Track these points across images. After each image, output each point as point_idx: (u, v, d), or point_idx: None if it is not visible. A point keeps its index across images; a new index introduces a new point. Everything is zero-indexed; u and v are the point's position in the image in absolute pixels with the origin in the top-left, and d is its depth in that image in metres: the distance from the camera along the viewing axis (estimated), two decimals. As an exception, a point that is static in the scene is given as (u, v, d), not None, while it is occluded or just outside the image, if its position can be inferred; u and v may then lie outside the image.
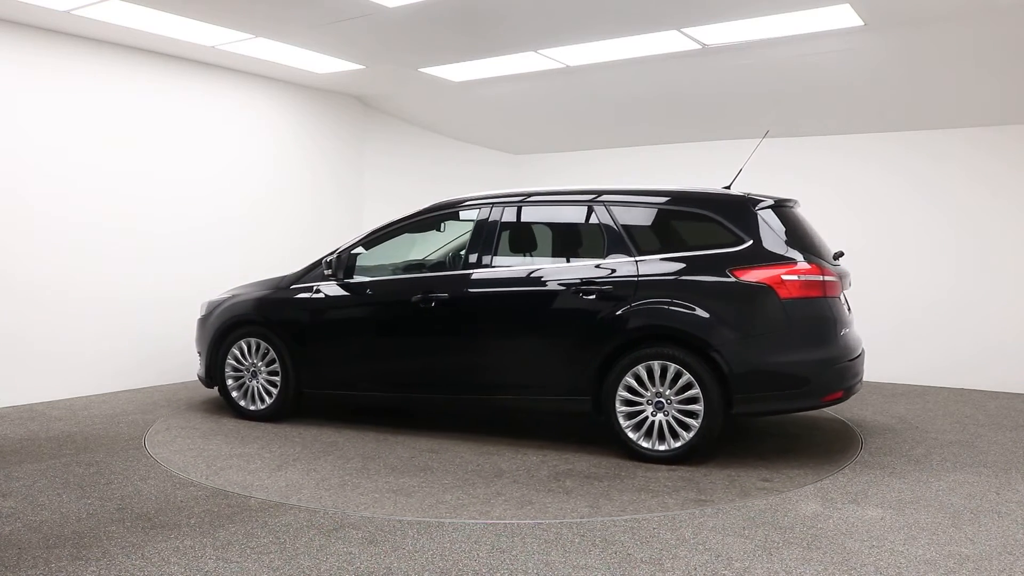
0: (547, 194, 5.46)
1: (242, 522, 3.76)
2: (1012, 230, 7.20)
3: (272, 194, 8.05)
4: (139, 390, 6.96)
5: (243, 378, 6.00)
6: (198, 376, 6.29)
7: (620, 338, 4.85)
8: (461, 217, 5.67)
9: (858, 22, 5.63)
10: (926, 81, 6.70)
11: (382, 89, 8.29)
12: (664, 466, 4.72)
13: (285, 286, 5.92)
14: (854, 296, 5.57)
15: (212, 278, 7.32)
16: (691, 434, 4.70)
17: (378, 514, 3.90)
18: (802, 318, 4.69)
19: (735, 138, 8.08)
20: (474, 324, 5.31)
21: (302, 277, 5.89)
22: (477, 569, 3.25)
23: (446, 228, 5.92)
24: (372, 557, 3.36)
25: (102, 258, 6.74)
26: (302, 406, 6.11)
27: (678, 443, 4.73)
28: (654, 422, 4.79)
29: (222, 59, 7.23)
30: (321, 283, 5.78)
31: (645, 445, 4.81)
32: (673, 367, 4.73)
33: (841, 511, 3.96)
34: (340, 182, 8.70)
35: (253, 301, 5.97)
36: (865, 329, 5.75)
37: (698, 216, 4.99)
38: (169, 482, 4.39)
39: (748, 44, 6.24)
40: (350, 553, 3.40)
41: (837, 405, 5.69)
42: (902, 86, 6.83)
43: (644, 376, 4.80)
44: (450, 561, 3.32)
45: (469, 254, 5.40)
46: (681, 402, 4.73)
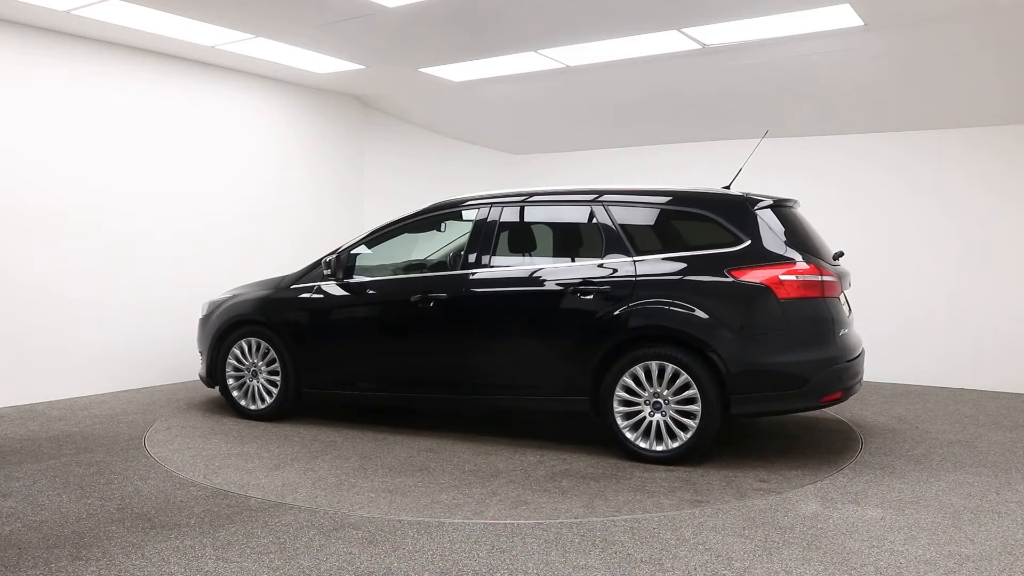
0: (546, 194, 5.46)
1: (242, 522, 3.76)
2: (1012, 230, 7.20)
3: (272, 194, 8.05)
4: (139, 390, 6.96)
5: (243, 378, 6.01)
6: (199, 376, 6.30)
7: (618, 338, 4.85)
8: (460, 217, 5.67)
9: (858, 22, 5.63)
10: (926, 81, 6.70)
11: (382, 89, 8.29)
12: (661, 467, 4.72)
13: (285, 286, 5.92)
14: (854, 296, 5.57)
15: (212, 278, 7.32)
16: (689, 435, 4.70)
17: (373, 514, 3.90)
18: (800, 318, 4.67)
19: (735, 138, 8.07)
20: (472, 324, 5.31)
21: (302, 277, 5.89)
22: (477, 569, 3.25)
23: (446, 228, 5.92)
24: (372, 557, 3.36)
25: (102, 258, 6.74)
26: (303, 406, 6.12)
27: (676, 443, 4.73)
28: (652, 422, 4.79)
29: (222, 59, 7.23)
30: (321, 283, 5.78)
31: (643, 445, 4.80)
32: (671, 367, 4.72)
33: (841, 511, 3.96)
34: (340, 182, 8.70)
35: (253, 301, 5.98)
36: (865, 329, 5.75)
37: (697, 216, 4.98)
38: (169, 482, 4.39)
39: (748, 44, 6.24)
40: (350, 553, 3.40)
41: (837, 405, 5.68)
42: (902, 86, 6.83)
43: (642, 376, 4.79)
44: (450, 561, 3.32)
45: (468, 254, 5.40)
46: (679, 402, 4.72)
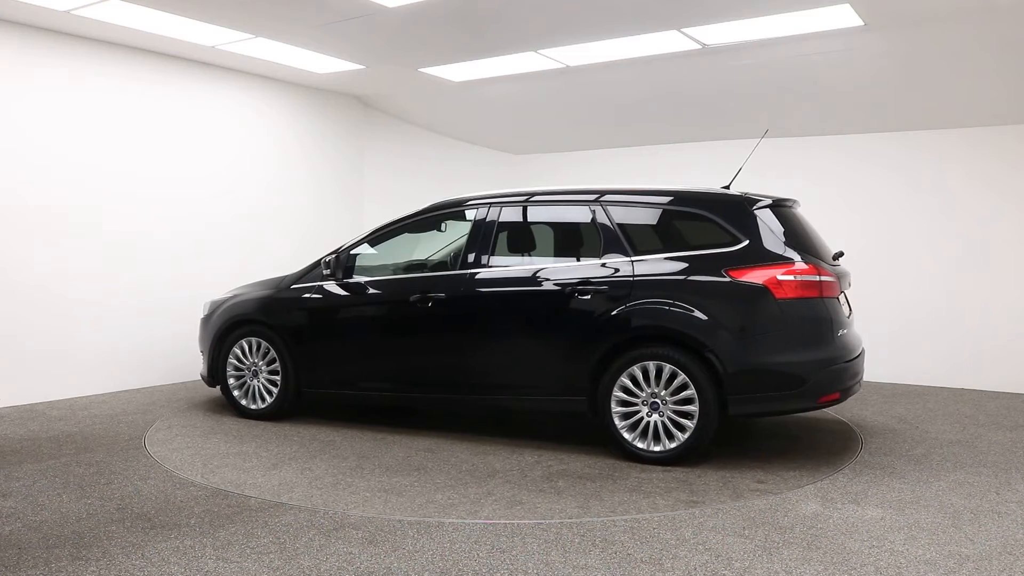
0: (544, 194, 5.45)
1: (242, 522, 3.76)
2: (1012, 230, 7.20)
3: (272, 194, 8.05)
4: (139, 390, 6.96)
5: (244, 377, 6.01)
6: (201, 375, 6.30)
7: (616, 338, 4.84)
8: (459, 217, 5.67)
9: (858, 22, 5.63)
10: (926, 81, 6.70)
11: (382, 89, 8.29)
12: (659, 467, 4.71)
13: (285, 286, 5.92)
14: (854, 296, 5.56)
15: (212, 278, 7.32)
16: (686, 435, 4.68)
17: (369, 513, 3.90)
18: (798, 319, 4.65)
19: (735, 138, 8.07)
20: (470, 324, 5.30)
21: (302, 277, 5.90)
22: (477, 569, 3.25)
23: (447, 228, 5.92)
24: (372, 557, 3.36)
25: (102, 258, 6.74)
26: (303, 405, 6.13)
27: (673, 444, 4.72)
28: (649, 423, 4.78)
29: (222, 59, 7.23)
30: (320, 283, 5.78)
31: (640, 446, 4.79)
32: (668, 367, 4.71)
33: (841, 511, 3.96)
34: (340, 182, 8.70)
35: (254, 301, 5.98)
36: (865, 329, 5.75)
37: (695, 216, 4.97)
38: (169, 482, 4.39)
39: (748, 44, 6.24)
40: (350, 553, 3.40)
41: (837, 405, 5.68)
42: (902, 86, 6.83)
43: (640, 377, 4.78)
44: (450, 561, 3.32)
45: (467, 254, 5.39)
46: (676, 403, 4.71)
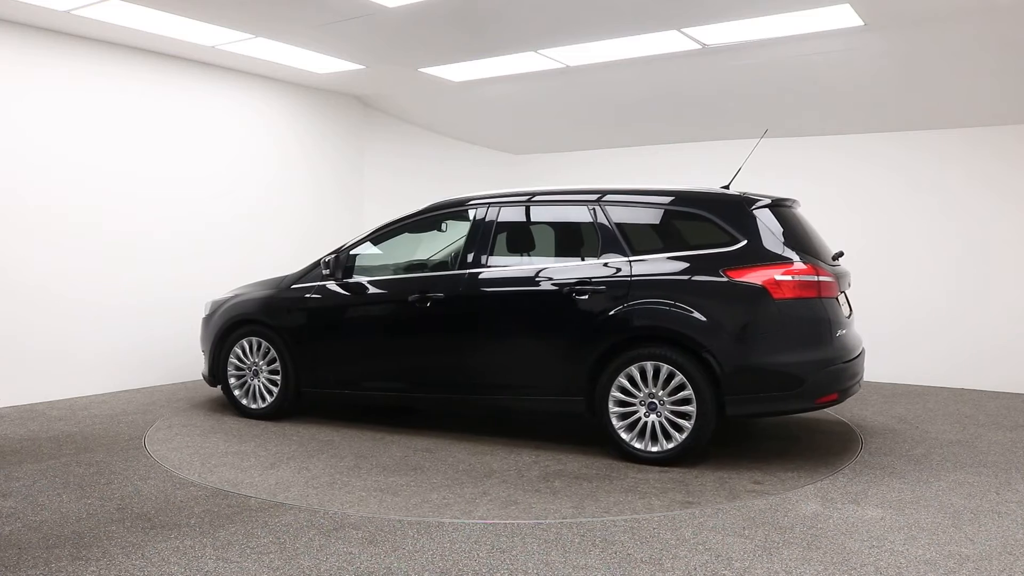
0: (543, 194, 5.45)
1: (242, 522, 3.76)
2: (1012, 230, 7.19)
3: (272, 194, 8.05)
4: (139, 390, 6.96)
5: (245, 377, 6.02)
6: (202, 375, 6.30)
7: (613, 338, 4.83)
8: (457, 217, 5.67)
9: (858, 22, 5.63)
10: (926, 81, 6.70)
11: (382, 89, 8.29)
12: (656, 467, 4.70)
13: (285, 286, 5.93)
14: (854, 296, 5.56)
15: (212, 278, 7.32)
16: (684, 435, 4.67)
17: (363, 512, 3.90)
18: (796, 319, 4.63)
19: (735, 138, 8.07)
20: (468, 324, 5.30)
21: (302, 277, 5.90)
22: (477, 569, 3.25)
23: (447, 228, 5.92)
24: (372, 557, 3.37)
25: (102, 258, 6.74)
26: (303, 405, 6.13)
27: (671, 444, 4.71)
28: (647, 423, 4.77)
29: (222, 59, 7.23)
30: (320, 283, 5.79)
31: (638, 446, 4.78)
32: (666, 368, 4.70)
33: (841, 511, 3.96)
34: (340, 182, 8.70)
35: (254, 301, 5.99)
36: (865, 329, 5.75)
37: (693, 216, 4.96)
38: (169, 482, 4.39)
39: (748, 44, 6.24)
40: (350, 553, 3.40)
41: (837, 406, 5.67)
42: (902, 86, 6.83)
43: (637, 377, 4.77)
44: (450, 561, 3.32)
45: (465, 254, 5.39)
46: (674, 403, 4.70)
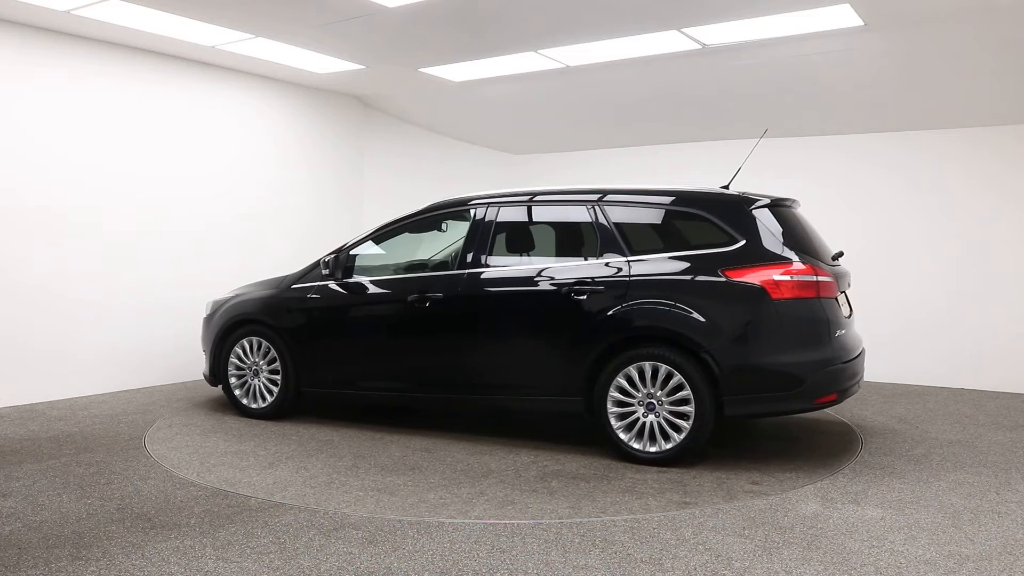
0: (542, 194, 5.45)
1: (242, 522, 3.76)
2: (1012, 230, 7.20)
3: (272, 194, 8.05)
4: (139, 390, 6.96)
5: (245, 377, 6.02)
6: (204, 375, 6.31)
7: (612, 339, 4.82)
8: (457, 217, 5.67)
9: (858, 22, 5.63)
10: (926, 81, 6.70)
11: (382, 89, 8.29)
12: (654, 468, 4.70)
13: (286, 286, 5.93)
14: (854, 296, 5.56)
15: (212, 278, 7.32)
16: (682, 436, 4.67)
17: (359, 512, 3.90)
18: (795, 319, 4.62)
19: (735, 138, 8.07)
20: (467, 324, 5.30)
21: (302, 277, 5.90)
22: (477, 569, 3.25)
23: (448, 228, 5.92)
24: (372, 557, 3.37)
25: (102, 258, 6.73)
26: (303, 405, 6.13)
27: (669, 445, 4.70)
28: (645, 423, 4.77)
29: (222, 59, 7.23)
30: (319, 283, 5.79)
31: (636, 446, 4.78)
32: (664, 368, 4.69)
33: (841, 511, 3.96)
34: (340, 182, 8.70)
35: (255, 301, 5.99)
36: (865, 329, 5.75)
37: (692, 216, 4.96)
38: (169, 482, 4.39)
39: (748, 44, 6.24)
40: (350, 553, 3.40)
41: (837, 406, 5.67)
42: (902, 86, 6.83)
43: (636, 377, 4.77)
44: (450, 561, 3.33)
45: (464, 254, 5.39)
46: (672, 403, 4.70)
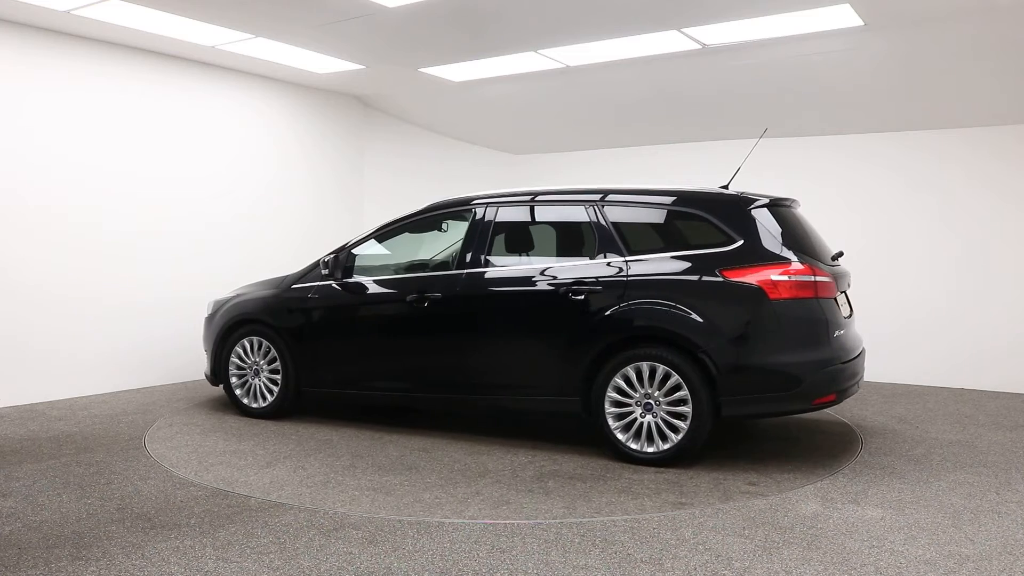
0: (540, 194, 5.44)
1: (242, 522, 3.76)
2: (1012, 230, 7.20)
3: (272, 194, 8.05)
4: (139, 390, 6.96)
5: (246, 376, 6.03)
6: (205, 374, 6.31)
7: (609, 339, 4.81)
8: (456, 217, 5.67)
9: (858, 22, 5.63)
10: (926, 81, 6.70)
11: (382, 89, 8.29)
12: (651, 468, 4.69)
13: (286, 286, 5.94)
14: (854, 296, 5.56)
15: (212, 278, 7.32)
16: (680, 436, 4.66)
17: (355, 511, 3.90)
18: (793, 319, 4.61)
19: (735, 138, 8.07)
20: (465, 324, 5.29)
21: (302, 277, 5.91)
22: (477, 569, 3.25)
23: (448, 228, 5.92)
24: (372, 557, 3.37)
25: (102, 258, 6.73)
26: (304, 404, 6.13)
27: (667, 445, 4.69)
28: (643, 423, 4.76)
29: (222, 59, 7.23)
30: (319, 283, 5.79)
31: (634, 447, 4.77)
32: (662, 368, 4.68)
33: (841, 511, 3.96)
34: (340, 182, 8.70)
35: (255, 300, 5.99)
36: (865, 329, 5.74)
37: (690, 216, 4.95)
38: (169, 482, 4.39)
39: (748, 44, 6.24)
40: (350, 553, 3.40)
41: (837, 406, 5.67)
42: (902, 86, 6.83)
43: (633, 377, 4.76)
44: (450, 561, 3.33)
45: (463, 254, 5.39)
46: (670, 404, 4.69)
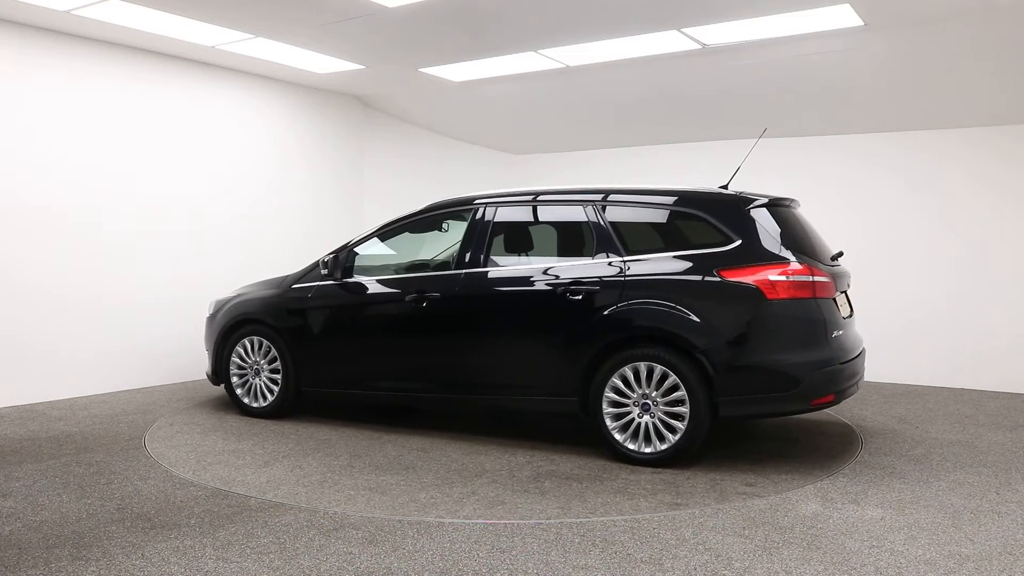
0: (539, 194, 5.44)
1: (242, 522, 3.76)
2: (1012, 230, 7.20)
3: (272, 194, 8.05)
4: (139, 390, 6.96)
5: (247, 376, 6.03)
6: (206, 374, 6.32)
7: (607, 339, 4.80)
8: (455, 217, 5.66)
9: (858, 22, 5.63)
10: (926, 81, 6.70)
11: (382, 89, 8.29)
12: (649, 468, 4.68)
13: (286, 286, 5.94)
14: (854, 296, 5.56)
15: (212, 278, 7.32)
16: (677, 436, 4.64)
17: (352, 511, 3.90)
18: (791, 319, 4.59)
19: (735, 138, 8.07)
20: (464, 324, 5.29)
21: (302, 277, 5.91)
22: (477, 569, 3.25)
23: (448, 228, 5.92)
24: (372, 557, 3.37)
25: (102, 258, 6.73)
26: (304, 404, 6.13)
27: (664, 445, 4.67)
28: (641, 424, 4.75)
29: (222, 59, 7.23)
30: (319, 283, 5.79)
31: (631, 447, 4.76)
32: (659, 368, 4.67)
33: (841, 511, 3.96)
34: (340, 182, 8.70)
35: (256, 300, 6.00)
36: (865, 329, 5.74)
37: (688, 216, 4.94)
38: (169, 482, 4.39)
39: (748, 44, 6.24)
40: (350, 553, 3.40)
41: (836, 406, 5.67)
42: (902, 86, 6.83)
43: (631, 377, 4.75)
44: (450, 561, 3.33)
45: (462, 254, 5.38)
46: (667, 404, 4.68)
